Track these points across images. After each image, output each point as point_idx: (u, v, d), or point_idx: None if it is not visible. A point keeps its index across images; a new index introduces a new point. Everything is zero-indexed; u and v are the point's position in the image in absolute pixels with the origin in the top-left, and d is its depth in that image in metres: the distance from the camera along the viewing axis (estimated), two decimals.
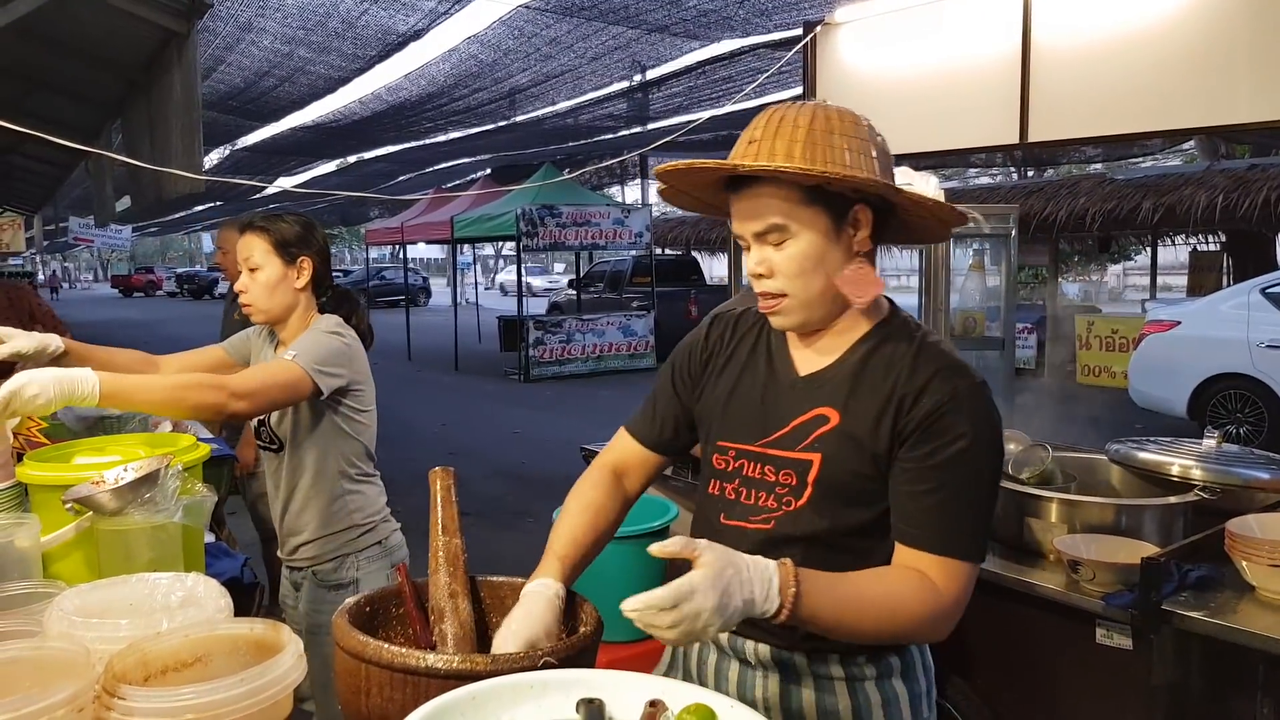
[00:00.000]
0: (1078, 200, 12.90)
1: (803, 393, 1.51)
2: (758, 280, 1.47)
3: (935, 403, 1.39)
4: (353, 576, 2.55)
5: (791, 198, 1.41)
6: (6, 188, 16.58)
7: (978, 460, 1.39)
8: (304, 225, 2.55)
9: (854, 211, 1.43)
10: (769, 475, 1.50)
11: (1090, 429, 6.09)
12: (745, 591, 1.24)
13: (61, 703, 1.08)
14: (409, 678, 1.25)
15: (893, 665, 1.52)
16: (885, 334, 1.49)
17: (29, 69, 7.19)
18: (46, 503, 1.87)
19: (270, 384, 2.27)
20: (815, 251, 1.43)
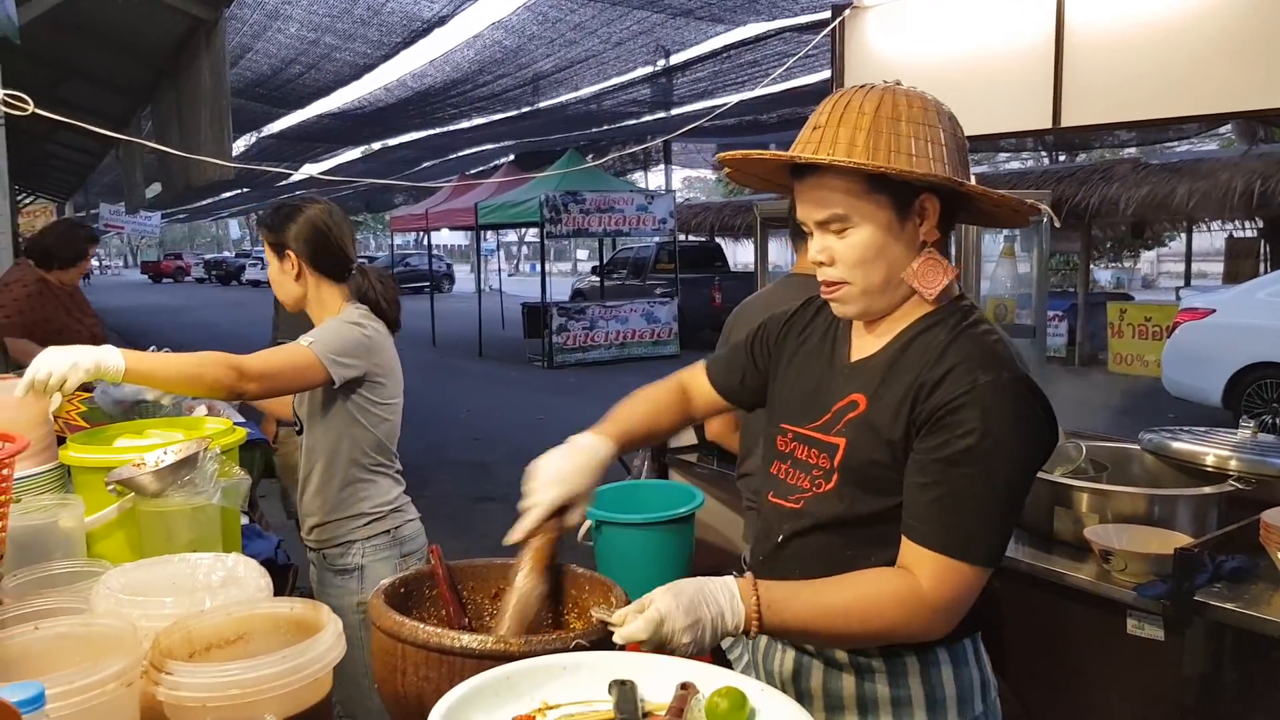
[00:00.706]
0: (1111, 185, 12.73)
1: (846, 378, 1.50)
2: (820, 268, 1.45)
3: (950, 394, 1.34)
4: (358, 563, 2.57)
5: (854, 188, 1.37)
6: (39, 175, 16.79)
7: (988, 459, 1.32)
8: (284, 218, 2.55)
9: (919, 201, 1.39)
10: (811, 457, 1.50)
11: (1123, 418, 6.04)
12: (713, 608, 1.29)
13: (111, 677, 1.11)
14: (444, 657, 1.26)
15: (907, 664, 1.46)
16: (932, 321, 1.45)
17: (61, 58, 7.28)
18: (89, 484, 1.91)
19: (282, 368, 2.31)
20: (877, 241, 1.40)
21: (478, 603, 1.61)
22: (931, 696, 1.46)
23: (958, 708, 1.48)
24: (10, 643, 1.24)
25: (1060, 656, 2.43)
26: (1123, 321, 13.05)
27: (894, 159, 1.34)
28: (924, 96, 1.41)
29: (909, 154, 1.35)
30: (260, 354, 2.30)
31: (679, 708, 1.15)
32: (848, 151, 1.35)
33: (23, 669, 1.21)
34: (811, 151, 1.38)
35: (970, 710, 1.49)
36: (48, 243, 4.74)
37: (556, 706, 1.18)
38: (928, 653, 1.46)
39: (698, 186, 47.83)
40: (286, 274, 2.56)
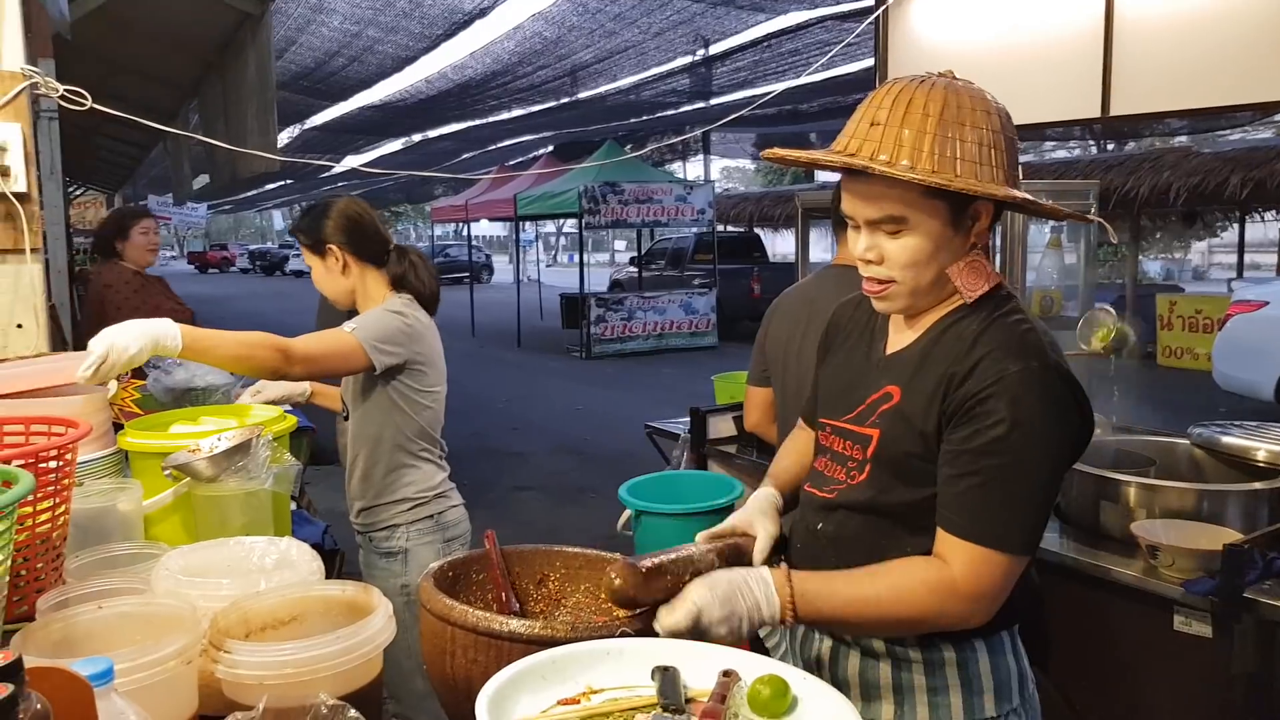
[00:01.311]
0: (1161, 174, 12.47)
1: (881, 371, 1.51)
2: (866, 265, 1.43)
3: (979, 385, 1.34)
4: (401, 546, 2.63)
5: (913, 191, 1.34)
6: (89, 168, 17.09)
7: (1019, 448, 1.31)
8: (317, 217, 2.62)
9: (975, 206, 1.38)
10: (846, 449, 1.52)
11: (1172, 412, 5.95)
12: (748, 599, 1.31)
13: (173, 655, 1.14)
14: (492, 641, 1.28)
15: (944, 655, 1.45)
16: (965, 311, 1.44)
17: (110, 53, 7.40)
18: (146, 469, 1.96)
19: (327, 352, 2.37)
20: (931, 245, 1.38)
21: (523, 588, 1.63)
22: (968, 687, 1.46)
23: (995, 699, 1.47)
24: (76, 621, 1.29)
25: (1105, 652, 2.41)
26: (1172, 314, 12.82)
27: (960, 167, 1.32)
28: (984, 96, 1.38)
29: (974, 162, 1.33)
30: (305, 337, 2.36)
31: (721, 694, 1.16)
32: (912, 157, 1.32)
33: (87, 646, 1.25)
34: (870, 151, 1.34)
35: (1007, 702, 1.48)
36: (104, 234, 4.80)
37: (601, 691, 1.20)
38: (964, 644, 1.46)
39: (736, 176, 47.62)
40: (332, 270, 2.62)
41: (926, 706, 1.46)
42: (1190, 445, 2.75)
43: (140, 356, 1.90)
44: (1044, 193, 3.16)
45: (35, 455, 1.42)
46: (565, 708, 1.16)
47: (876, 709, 1.49)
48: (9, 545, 1.22)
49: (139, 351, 1.89)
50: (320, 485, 4.95)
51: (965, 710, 1.46)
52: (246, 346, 2.15)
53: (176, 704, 1.18)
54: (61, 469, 1.47)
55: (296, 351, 2.25)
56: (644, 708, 1.16)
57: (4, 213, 2.36)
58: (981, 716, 1.46)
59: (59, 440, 1.51)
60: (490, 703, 1.08)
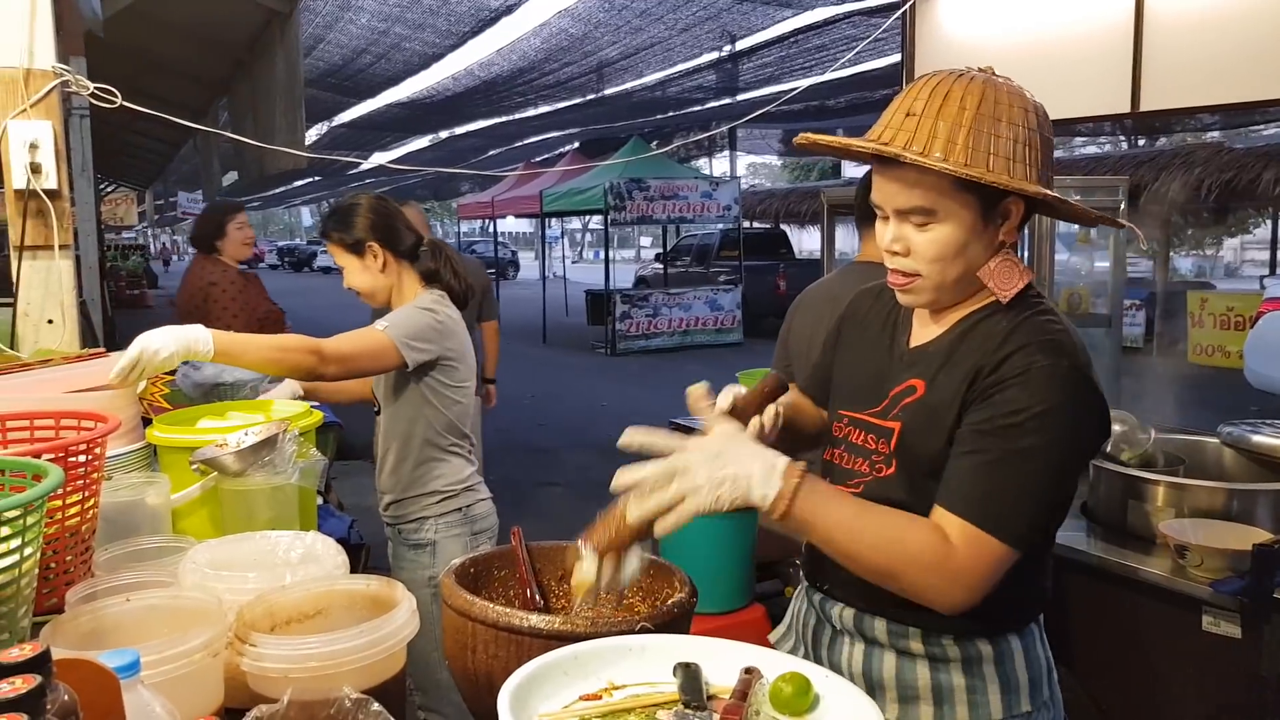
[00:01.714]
0: (1192, 170, 12.32)
1: (906, 364, 1.49)
2: (892, 256, 1.42)
3: (1005, 375, 1.33)
4: (430, 539, 2.68)
5: (943, 183, 1.33)
6: (119, 165, 17.31)
7: (1034, 438, 1.29)
8: (358, 214, 2.63)
9: (1006, 203, 1.37)
10: (869, 443, 1.50)
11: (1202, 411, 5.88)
12: (742, 467, 1.24)
13: (199, 647, 1.16)
14: (513, 636, 1.29)
15: (981, 651, 1.45)
16: (996, 308, 1.42)
17: (141, 50, 7.49)
18: (174, 463, 1.98)
19: (359, 352, 2.40)
20: (959, 239, 1.36)
21: (546, 584, 1.64)
22: (1005, 683, 1.45)
23: (1030, 693, 1.46)
24: (104, 613, 1.30)
25: (1132, 652, 2.39)
26: (1203, 311, 12.66)
27: (993, 162, 1.31)
28: (1022, 94, 1.37)
29: (1007, 158, 1.32)
30: (338, 337, 2.38)
31: (743, 691, 1.16)
32: (945, 149, 1.31)
33: (115, 638, 1.27)
34: (904, 141, 1.33)
35: (1040, 695, 1.48)
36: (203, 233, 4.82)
37: (622, 687, 1.20)
38: (1000, 640, 1.45)
39: (763, 172, 47.46)
40: (370, 268, 2.64)
41: (966, 705, 1.45)
42: (1220, 444, 2.71)
43: (171, 361, 1.94)
44: (1073, 189, 3.13)
45: (65, 449, 1.44)
46: (587, 703, 1.16)
47: (914, 711, 1.47)
48: (39, 538, 1.23)
49: (170, 356, 1.93)
50: (347, 480, 4.99)
51: (1004, 707, 1.45)
52: (279, 350, 2.19)
53: (202, 696, 1.20)
54: (90, 463, 1.49)
55: (329, 351, 2.28)
56: (666, 704, 1.16)
57: (35, 209, 2.39)
58: (1018, 712, 1.45)
59: (88, 435, 1.53)
60: (512, 698, 1.08)
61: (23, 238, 2.37)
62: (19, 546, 1.16)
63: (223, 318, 4.54)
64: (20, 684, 0.76)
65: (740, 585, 3.32)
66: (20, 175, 2.33)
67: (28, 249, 2.39)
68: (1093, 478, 2.66)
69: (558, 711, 1.14)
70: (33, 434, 1.73)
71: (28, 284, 2.42)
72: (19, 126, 2.33)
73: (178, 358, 1.95)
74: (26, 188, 2.34)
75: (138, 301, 22.59)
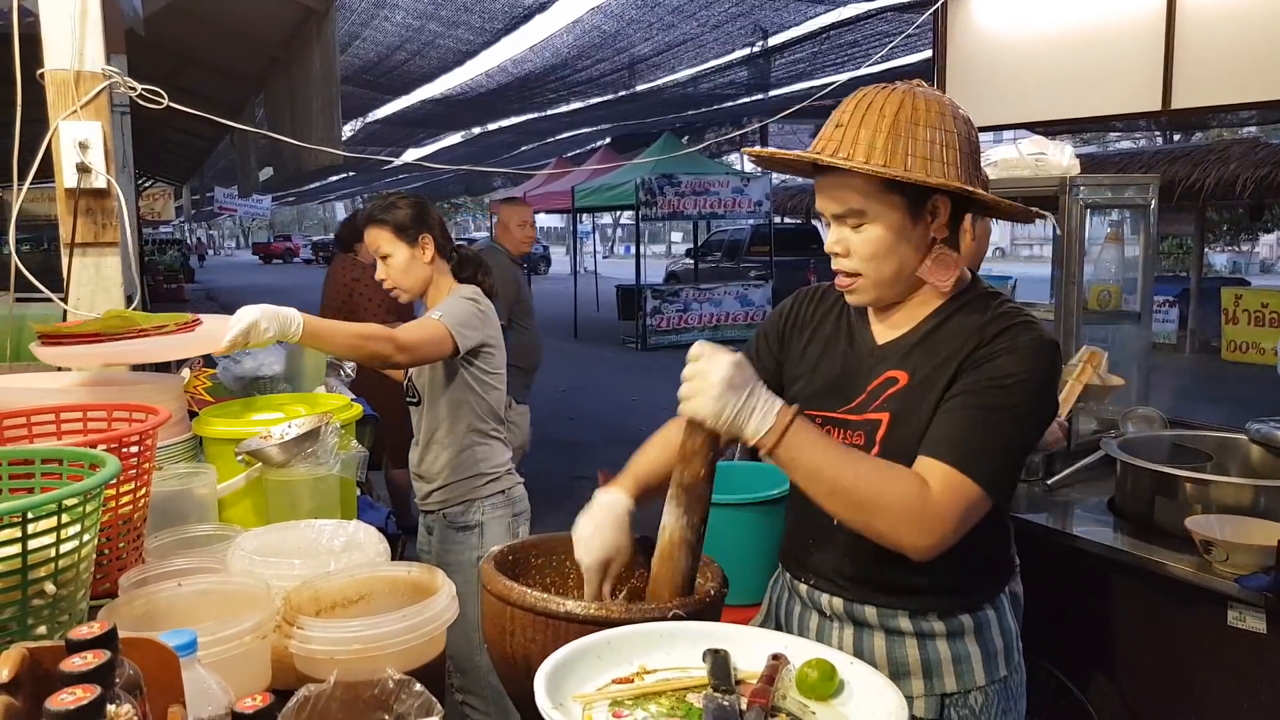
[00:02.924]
0: (1227, 166, 12.14)
1: (879, 360, 1.57)
2: (835, 259, 1.53)
3: (994, 349, 1.44)
4: (478, 520, 2.79)
5: (870, 185, 1.44)
6: (157, 160, 17.56)
7: (1016, 397, 1.41)
8: (415, 206, 2.76)
9: (932, 201, 1.47)
10: (846, 439, 1.55)
11: (1235, 408, 5.83)
12: (751, 398, 1.36)
13: (248, 629, 1.22)
14: (550, 621, 1.34)
15: (964, 623, 1.55)
16: (960, 304, 1.54)
17: (180, 48, 7.61)
18: (219, 454, 2.05)
19: (424, 340, 2.51)
20: (890, 237, 1.47)
21: (580, 574, 1.68)
22: (985, 651, 1.56)
23: (1005, 659, 1.59)
24: (157, 597, 1.37)
25: (1159, 647, 2.40)
26: (1238, 307, 12.51)
27: (910, 163, 1.42)
28: (941, 100, 1.48)
29: (925, 158, 1.43)
30: (406, 327, 2.52)
31: (770, 676, 1.20)
32: (867, 153, 1.42)
33: (168, 620, 1.33)
34: (833, 150, 1.45)
35: (1012, 659, 1.61)
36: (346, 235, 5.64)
37: (654, 671, 1.25)
38: (980, 612, 1.57)
39: None
40: (419, 259, 2.74)
41: (954, 675, 1.55)
42: (1249, 441, 2.71)
43: (270, 340, 2.02)
44: (1106, 186, 3.12)
45: (119, 440, 1.51)
46: (620, 686, 1.21)
47: (906, 685, 1.53)
48: (96, 525, 1.29)
49: (273, 336, 2.01)
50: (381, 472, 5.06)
51: (985, 673, 1.56)
52: (361, 337, 2.30)
53: (251, 677, 1.25)
54: (143, 454, 1.56)
55: (403, 340, 2.40)
56: (695, 688, 1.21)
57: (85, 208, 2.46)
58: (997, 677, 1.57)
59: (140, 426, 1.60)
60: (548, 679, 1.13)
61: (74, 235, 2.45)
62: (79, 533, 1.22)
63: (368, 308, 5.25)
64: (92, 659, 0.81)
65: (768, 578, 3.35)
66: (71, 175, 2.40)
67: (78, 246, 2.47)
68: (1120, 474, 2.67)
69: (592, 693, 1.18)
70: (86, 425, 1.80)
71: (78, 280, 2.49)
72: (70, 127, 2.40)
73: (275, 338, 2.02)
74: (77, 187, 2.41)
75: (175, 296, 22.93)
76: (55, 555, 1.15)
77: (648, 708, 1.16)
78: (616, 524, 1.57)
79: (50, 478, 1.41)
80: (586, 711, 1.15)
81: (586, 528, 1.56)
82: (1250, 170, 11.88)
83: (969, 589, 1.57)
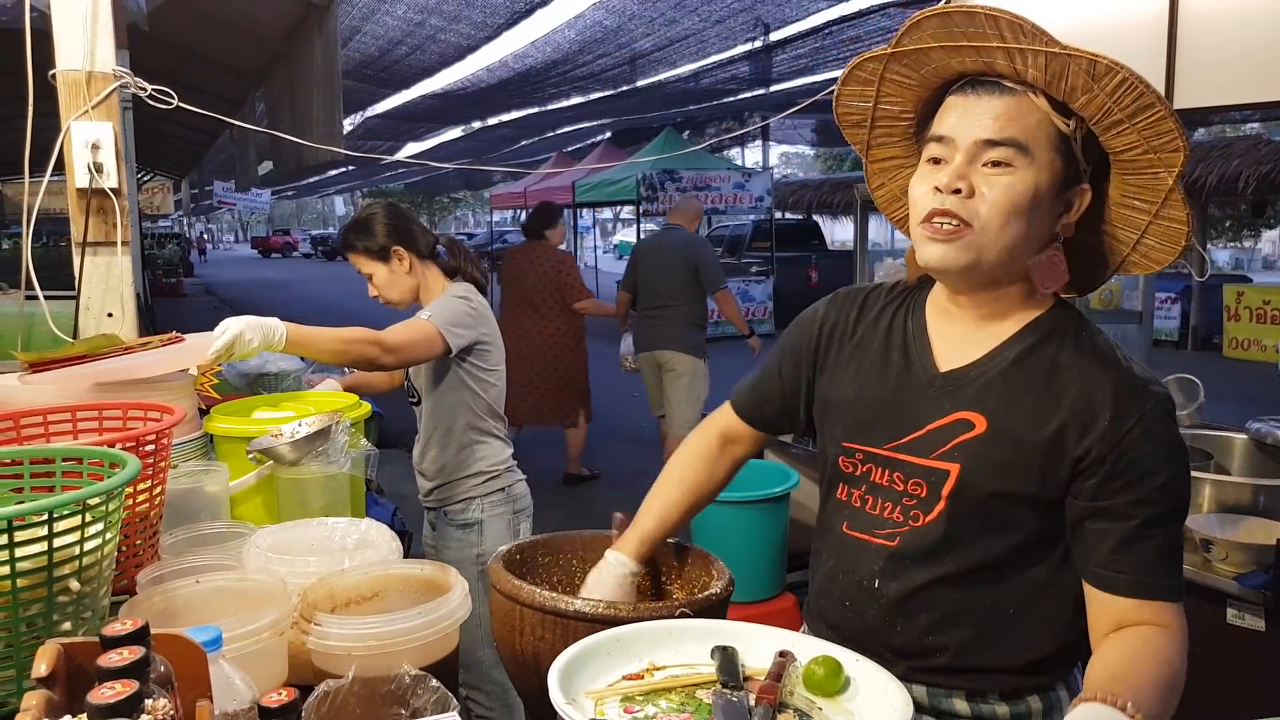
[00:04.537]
0: (1230, 163, 12.16)
1: (942, 392, 1.32)
2: (944, 198, 1.22)
3: (1124, 429, 1.21)
4: (477, 518, 2.80)
5: (1045, 126, 1.21)
6: (156, 154, 17.53)
7: (1180, 494, 1.24)
8: (384, 221, 2.75)
9: (1079, 188, 1.26)
10: (897, 484, 1.33)
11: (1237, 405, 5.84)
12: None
13: (266, 626, 1.24)
14: (559, 619, 1.36)
15: (1030, 707, 1.33)
16: (1045, 331, 1.30)
17: (182, 42, 7.62)
18: (230, 453, 2.07)
19: (413, 340, 2.51)
20: (1034, 196, 1.21)
21: (586, 570, 1.70)
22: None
23: None
24: (175, 594, 1.39)
25: None
26: (1240, 304, 12.52)
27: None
28: None
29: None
30: (393, 329, 2.51)
31: (777, 673, 1.22)
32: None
33: (186, 617, 1.36)
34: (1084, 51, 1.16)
35: None
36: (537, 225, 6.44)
37: (663, 668, 1.27)
38: (1050, 692, 1.34)
39: (795, 162, 47.22)
40: (398, 272, 2.76)
41: None
42: (1249, 439, 2.73)
43: (256, 351, 2.03)
44: None
45: (137, 439, 1.53)
46: (630, 683, 1.23)
47: None
48: (118, 523, 1.31)
49: (258, 346, 2.02)
50: (385, 468, 5.09)
51: None
52: (345, 342, 2.30)
53: (269, 672, 1.28)
54: (159, 452, 1.58)
55: (389, 342, 2.40)
56: (704, 684, 1.23)
57: (96, 207, 2.49)
58: None
59: (157, 425, 1.62)
60: (560, 675, 1.16)
61: (85, 234, 2.47)
62: (101, 531, 1.24)
63: (575, 286, 6.43)
64: (127, 654, 0.84)
65: (773, 575, 3.38)
66: (83, 174, 2.42)
67: (90, 245, 2.49)
68: None
69: (602, 689, 1.21)
70: (101, 424, 1.82)
71: (90, 279, 2.52)
72: (81, 127, 2.42)
73: (260, 349, 2.03)
74: (89, 186, 2.43)
75: (174, 290, 22.96)
76: (80, 553, 1.18)
77: (658, 703, 1.19)
78: (618, 585, 1.49)
79: (71, 476, 1.43)
80: (599, 707, 1.17)
81: (594, 588, 1.49)
82: (1253, 167, 11.90)
83: (1040, 666, 1.32)
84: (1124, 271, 1.38)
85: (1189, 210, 1.27)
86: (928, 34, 1.25)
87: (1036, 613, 1.29)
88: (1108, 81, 1.17)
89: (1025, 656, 1.31)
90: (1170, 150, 1.22)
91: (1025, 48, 1.19)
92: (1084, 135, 1.25)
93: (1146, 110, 1.18)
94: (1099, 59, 1.15)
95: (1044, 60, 1.18)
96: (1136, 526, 1.21)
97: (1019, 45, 1.19)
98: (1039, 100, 1.22)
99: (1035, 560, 1.30)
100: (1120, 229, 1.31)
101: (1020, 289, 1.30)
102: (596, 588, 1.49)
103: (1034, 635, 1.30)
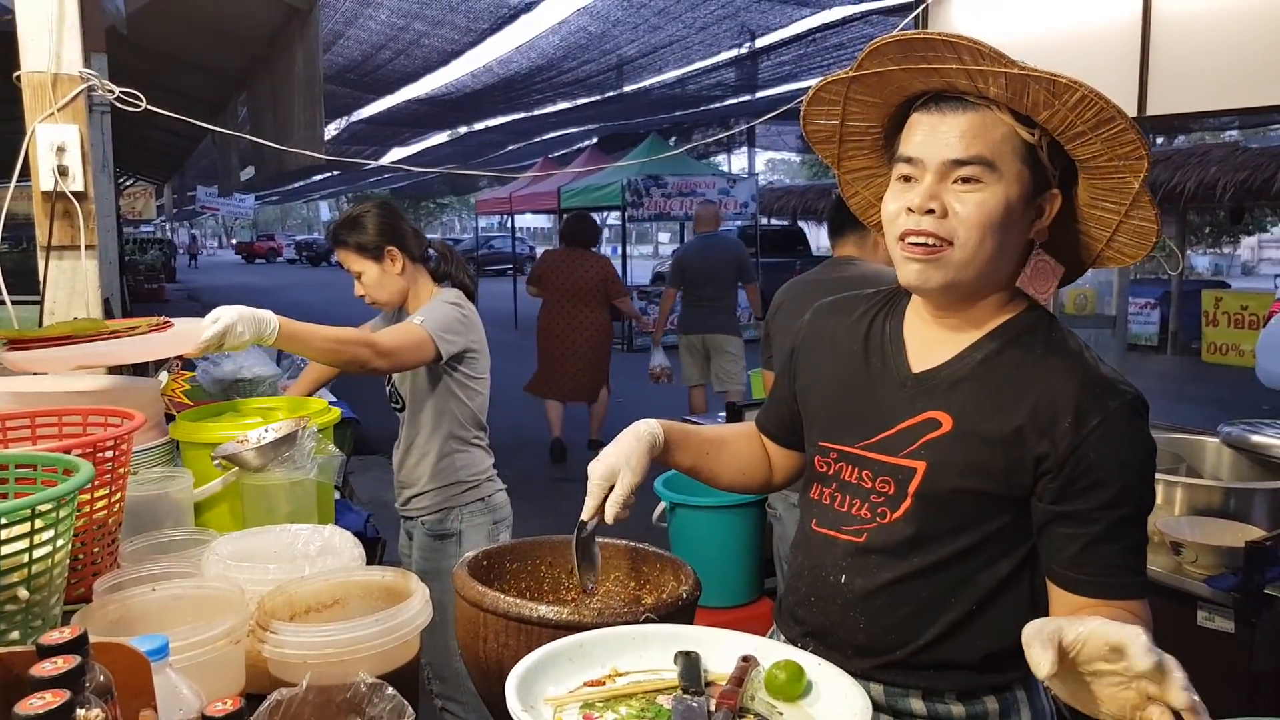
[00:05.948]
0: (1208, 169, 12.27)
1: (914, 392, 1.34)
2: (921, 218, 1.24)
3: (1085, 429, 1.21)
4: (457, 528, 2.76)
5: (1010, 139, 1.22)
6: (138, 158, 17.44)
7: (1142, 494, 1.25)
8: (379, 219, 2.71)
9: (1049, 194, 1.27)
10: (866, 481, 1.35)
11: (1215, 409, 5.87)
12: None
13: (222, 634, 1.22)
14: (523, 626, 1.35)
15: (986, 707, 1.33)
16: (1015, 332, 1.31)
17: (162, 46, 7.58)
18: (196, 459, 2.05)
19: (404, 345, 2.48)
20: (1007, 209, 1.22)
21: (555, 576, 1.69)
22: None
23: None
24: (131, 602, 1.37)
25: None
26: (1218, 310, 12.63)
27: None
28: None
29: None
30: (385, 332, 2.50)
31: (739, 677, 1.22)
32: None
33: (142, 625, 1.34)
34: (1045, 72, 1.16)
35: None
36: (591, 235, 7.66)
37: (626, 673, 1.26)
38: (1007, 693, 1.35)
39: (781, 168, 47.35)
40: (389, 272, 2.72)
41: None
42: (1220, 443, 2.74)
43: (247, 344, 1.99)
44: None
45: (94, 445, 1.51)
46: (591, 689, 1.22)
47: None
48: (70, 531, 1.30)
49: (249, 339, 1.97)
50: (363, 475, 5.07)
51: None
52: (338, 342, 2.26)
53: (225, 681, 1.26)
54: (117, 459, 1.56)
55: (382, 345, 2.37)
56: (666, 690, 1.22)
57: (62, 210, 2.46)
58: None
59: (115, 431, 1.60)
60: (519, 683, 1.14)
61: (50, 238, 2.44)
62: (52, 538, 1.22)
63: (618, 285, 7.67)
64: (62, 663, 0.82)
65: (749, 580, 3.37)
66: (48, 178, 2.40)
67: (54, 249, 2.46)
68: None
69: (562, 696, 1.20)
70: (61, 430, 1.80)
71: (54, 283, 2.49)
72: (46, 130, 2.40)
73: (251, 342, 1.99)
74: (54, 190, 2.40)
75: (155, 295, 22.80)
76: (29, 561, 1.16)
77: (618, 710, 1.18)
78: (636, 440, 1.41)
79: (25, 483, 1.41)
80: (557, 714, 1.16)
81: (609, 448, 1.42)
82: (1230, 174, 12.01)
83: (997, 664, 1.32)
84: (1099, 265, 1.40)
85: (1157, 210, 1.28)
86: (888, 59, 1.26)
87: (996, 607, 1.31)
88: (1068, 97, 1.19)
89: (983, 650, 1.32)
90: (1135, 159, 1.23)
91: (985, 69, 1.20)
92: (1049, 142, 1.26)
93: (1108, 123, 1.20)
94: (1057, 79, 1.17)
95: (1004, 79, 1.20)
96: (1102, 530, 1.23)
97: (979, 67, 1.20)
98: (1003, 114, 1.24)
99: (999, 557, 1.32)
100: (1093, 228, 1.33)
101: (997, 296, 1.33)
102: (613, 448, 1.42)
103: (993, 629, 1.32)
